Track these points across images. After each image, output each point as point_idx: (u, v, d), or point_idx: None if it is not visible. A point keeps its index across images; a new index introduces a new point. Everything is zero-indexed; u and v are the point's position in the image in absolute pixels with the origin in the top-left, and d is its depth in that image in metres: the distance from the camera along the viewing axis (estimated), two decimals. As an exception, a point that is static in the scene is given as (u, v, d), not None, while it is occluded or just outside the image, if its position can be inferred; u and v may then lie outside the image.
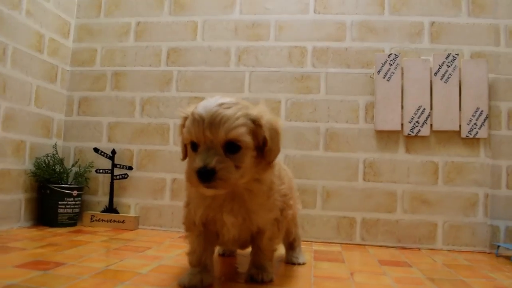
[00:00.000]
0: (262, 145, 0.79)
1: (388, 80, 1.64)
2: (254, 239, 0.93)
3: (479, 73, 1.62)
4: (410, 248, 1.57)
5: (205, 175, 0.70)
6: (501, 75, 1.63)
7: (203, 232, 0.88)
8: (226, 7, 1.79)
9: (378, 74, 1.65)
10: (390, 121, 1.64)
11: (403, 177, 1.62)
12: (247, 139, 0.74)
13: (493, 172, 1.60)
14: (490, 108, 1.62)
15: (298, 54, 1.72)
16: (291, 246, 1.20)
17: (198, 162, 0.71)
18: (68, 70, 1.87)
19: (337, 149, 1.65)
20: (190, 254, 0.90)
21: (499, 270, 1.22)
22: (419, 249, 1.58)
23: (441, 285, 1.01)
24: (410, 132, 1.63)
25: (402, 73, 1.65)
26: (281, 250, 1.13)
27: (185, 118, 0.79)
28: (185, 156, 0.84)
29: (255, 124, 0.76)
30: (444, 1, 1.68)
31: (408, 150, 1.63)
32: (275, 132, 0.80)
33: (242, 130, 0.73)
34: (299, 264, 1.17)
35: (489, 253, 1.55)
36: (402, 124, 1.64)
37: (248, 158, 0.75)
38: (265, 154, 0.79)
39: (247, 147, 0.75)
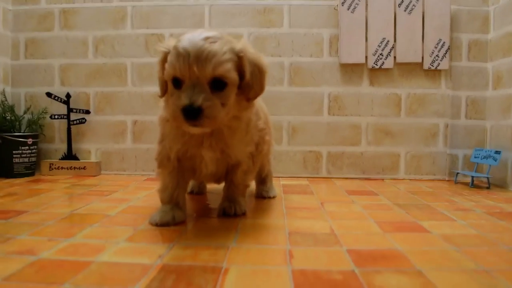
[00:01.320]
0: (243, 81, 0.78)
1: (352, 12, 1.67)
2: (228, 173, 0.94)
3: (442, 4, 1.67)
4: (374, 179, 1.67)
5: (191, 113, 0.69)
6: (463, 6, 1.69)
7: (177, 168, 0.88)
8: None
9: (343, 5, 1.66)
10: (354, 54, 1.67)
11: (367, 110, 1.69)
12: (233, 75, 0.73)
13: (453, 103, 1.69)
14: (451, 39, 1.68)
15: (260, -14, 1.70)
16: (262, 181, 1.23)
17: (184, 100, 0.69)
18: (10, 10, 1.76)
19: (301, 84, 1.69)
20: (161, 191, 0.89)
21: (460, 195, 1.33)
22: (382, 179, 1.68)
23: (407, 209, 1.09)
24: (374, 65, 1.68)
25: (367, 4, 1.67)
26: (252, 186, 1.16)
27: (166, 53, 0.76)
28: (164, 92, 0.81)
29: (239, 59, 0.75)
30: None
31: (372, 83, 1.69)
32: (258, 69, 0.79)
33: (229, 65, 0.72)
34: (269, 197, 1.22)
35: (448, 180, 1.67)
36: (366, 57, 1.68)
37: (232, 95, 0.75)
38: (245, 90, 0.79)
39: (232, 84, 0.75)
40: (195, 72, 0.69)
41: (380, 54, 1.66)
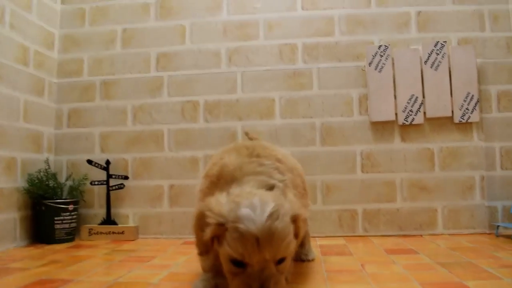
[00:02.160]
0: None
1: (379, 71, 1.76)
2: None
3: (467, 59, 1.75)
4: (412, 235, 1.69)
5: None
6: (488, 59, 1.77)
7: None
8: (213, 8, 1.88)
9: (370, 66, 1.76)
10: (384, 111, 1.75)
11: (401, 165, 1.73)
12: (294, 246, 0.74)
13: (487, 154, 1.72)
14: (480, 92, 1.75)
15: (288, 51, 1.82)
16: (301, 243, 1.27)
17: (255, 285, 0.68)
18: (55, 82, 1.93)
19: (333, 143, 1.76)
20: (202, 259, 0.90)
21: (503, 249, 1.33)
22: (421, 235, 1.69)
23: (450, 268, 1.10)
24: (405, 121, 1.74)
25: (393, 64, 1.76)
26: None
27: (220, 226, 0.72)
28: (206, 251, 0.80)
29: (294, 222, 0.75)
30: None
31: (403, 139, 1.75)
32: (304, 225, 0.82)
33: (293, 243, 0.73)
34: (308, 260, 1.25)
35: (489, 233, 1.67)
36: (396, 114, 1.75)
37: (289, 261, 0.76)
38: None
39: (292, 253, 0.75)
40: (266, 256, 0.68)
41: (410, 111, 1.73)
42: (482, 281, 0.96)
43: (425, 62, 1.74)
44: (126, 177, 1.80)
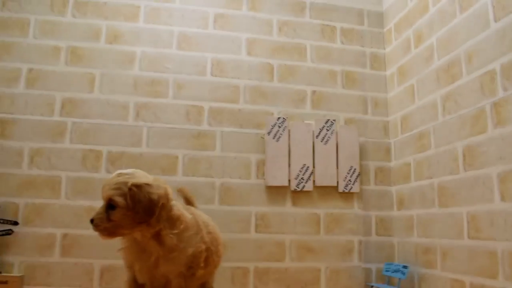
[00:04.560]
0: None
1: (277, 141, 2.55)
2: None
3: (352, 137, 2.64)
4: (296, 294, 2.41)
5: (91, 221, 1.35)
6: (369, 138, 2.68)
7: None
8: (126, 61, 2.55)
9: (268, 134, 2.55)
10: (279, 177, 2.52)
11: (291, 227, 2.49)
12: (119, 200, 1.33)
13: (365, 222, 2.58)
14: (361, 166, 2.62)
15: (195, 113, 2.54)
16: None
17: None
18: None
19: (231, 203, 2.47)
20: None
21: None
22: (304, 294, 2.42)
23: None
24: (296, 188, 2.53)
25: (289, 135, 2.57)
26: None
27: None
28: None
29: (129, 190, 1.34)
30: (324, 74, 2.72)
31: (294, 203, 2.52)
32: (132, 196, 1.33)
33: (116, 192, 1.33)
34: None
35: (363, 294, 2.46)
36: (289, 180, 2.53)
37: (120, 214, 1.34)
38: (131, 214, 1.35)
39: (120, 206, 1.33)
40: (102, 195, 1.35)
41: (301, 178, 2.53)
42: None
43: (317, 136, 2.59)
44: (15, 223, 2.26)
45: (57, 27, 2.57)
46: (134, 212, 1.33)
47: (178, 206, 1.50)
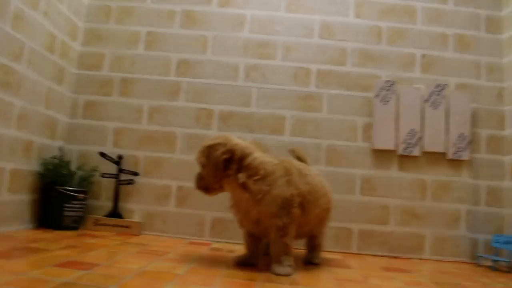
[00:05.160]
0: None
1: (384, 104, 2.51)
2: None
3: (463, 102, 2.53)
4: (401, 258, 2.39)
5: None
6: (481, 105, 2.55)
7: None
8: (236, 25, 2.61)
9: (376, 98, 2.50)
10: (385, 140, 2.49)
11: (396, 192, 2.45)
12: (201, 160, 1.66)
13: (474, 191, 2.47)
14: (472, 134, 2.51)
15: (303, 75, 2.55)
16: (314, 248, 1.95)
17: None
18: (74, 73, 2.56)
19: (337, 164, 2.47)
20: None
21: (486, 277, 2.00)
22: (409, 258, 2.39)
23: None
24: (403, 152, 2.48)
25: (397, 99, 2.51)
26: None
27: None
28: None
29: (204, 151, 1.67)
30: (434, 37, 2.61)
31: (400, 168, 2.48)
32: (207, 155, 1.64)
33: (200, 155, 1.66)
34: (315, 264, 1.92)
35: (469, 263, 2.39)
36: (396, 144, 2.48)
37: (205, 172, 1.66)
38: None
39: (203, 165, 1.66)
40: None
41: (409, 143, 2.47)
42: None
43: (426, 101, 2.51)
44: (136, 173, 2.43)
45: (173, -9, 2.69)
46: (211, 168, 1.61)
47: (260, 157, 1.64)
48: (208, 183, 1.67)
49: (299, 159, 2.01)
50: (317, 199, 1.76)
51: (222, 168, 1.59)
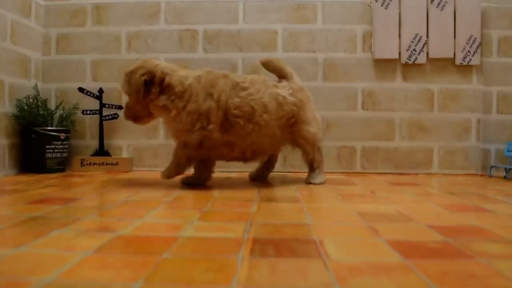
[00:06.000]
0: None
1: (386, 8, 2.24)
2: None
3: (472, 1, 2.27)
4: (408, 174, 2.23)
5: None
6: (492, 3, 2.28)
7: None
8: None
9: (376, 2, 2.24)
10: (388, 49, 2.25)
11: (401, 104, 2.25)
12: (124, 89, 1.63)
13: (485, 98, 2.27)
14: (482, 35, 2.26)
15: (293, -17, 2.27)
16: (311, 167, 1.78)
17: None
18: (42, 5, 2.30)
19: (335, 79, 2.25)
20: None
21: (501, 185, 1.88)
22: (416, 174, 2.23)
23: (460, 196, 1.44)
24: (407, 60, 2.25)
25: (399, 1, 2.24)
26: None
27: None
28: None
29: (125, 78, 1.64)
30: None
31: (405, 78, 2.26)
32: (128, 82, 1.58)
33: (122, 84, 1.63)
34: (315, 183, 1.78)
35: (481, 175, 2.22)
36: (399, 53, 2.24)
37: (129, 101, 1.63)
38: None
39: (129, 94, 1.63)
40: None
41: (413, 50, 2.24)
42: (495, 204, 1.28)
43: (431, 1, 2.24)
44: (120, 107, 2.24)
45: None
46: (134, 94, 1.54)
47: (180, 75, 1.55)
48: (135, 111, 1.61)
49: (276, 71, 1.81)
50: (251, 114, 1.57)
51: (143, 91, 1.52)
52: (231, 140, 1.58)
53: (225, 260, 0.71)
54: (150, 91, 1.52)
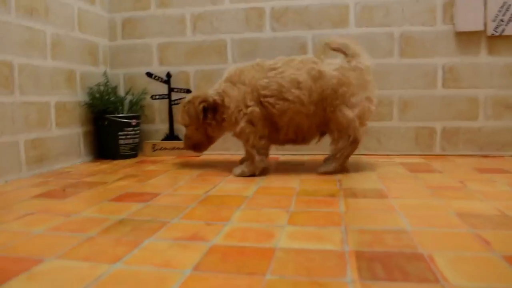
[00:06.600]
0: None
1: (468, -26, 2.02)
2: None
3: None
4: (493, 156, 2.06)
5: None
6: None
7: None
8: None
9: (458, -33, 2.02)
10: (471, 20, 2.04)
11: (486, 81, 2.06)
12: (185, 119, 1.74)
13: None
14: None
15: (365, -49, 2.09)
16: (333, 156, 1.68)
17: None
18: (105, -12, 2.26)
19: (413, 55, 2.08)
20: None
21: None
22: (502, 156, 2.05)
23: None
24: (494, 32, 2.04)
25: (485, -35, 2.01)
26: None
27: None
28: None
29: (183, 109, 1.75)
30: None
31: (490, 52, 2.05)
32: (188, 112, 1.70)
33: (180, 115, 1.77)
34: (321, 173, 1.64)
35: None
36: (485, 24, 2.03)
37: (189, 131, 1.77)
38: None
39: (187, 125, 1.77)
40: None
41: (501, 20, 2.02)
42: None
43: (523, -37, 1.98)
44: (188, 91, 2.20)
45: None
46: (193, 121, 1.67)
47: (216, 96, 1.63)
48: (195, 140, 1.73)
49: (338, 50, 1.69)
50: (279, 91, 1.57)
51: (203, 117, 1.63)
52: (272, 121, 1.59)
53: (335, 285, 0.66)
54: (207, 116, 1.64)
